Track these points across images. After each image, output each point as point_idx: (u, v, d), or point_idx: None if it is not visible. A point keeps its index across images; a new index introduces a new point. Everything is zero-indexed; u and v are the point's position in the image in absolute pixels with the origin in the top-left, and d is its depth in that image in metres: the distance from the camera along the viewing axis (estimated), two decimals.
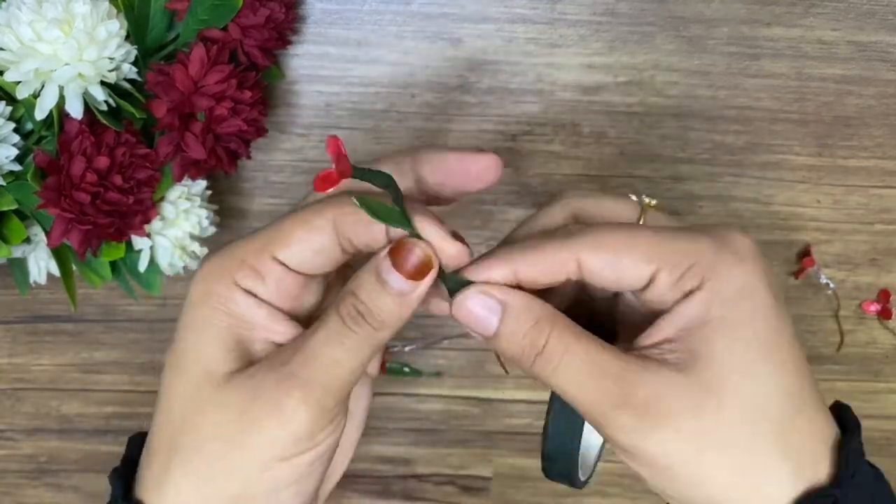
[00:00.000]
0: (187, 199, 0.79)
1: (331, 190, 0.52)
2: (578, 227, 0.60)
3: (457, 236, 0.58)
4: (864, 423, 0.88)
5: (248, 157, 0.79)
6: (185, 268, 0.81)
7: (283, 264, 0.59)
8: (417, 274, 0.56)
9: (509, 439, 0.96)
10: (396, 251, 0.56)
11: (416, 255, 0.56)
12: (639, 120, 0.88)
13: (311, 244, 0.58)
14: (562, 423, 0.65)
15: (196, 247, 0.81)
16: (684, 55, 0.86)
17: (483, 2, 0.85)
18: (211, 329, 0.59)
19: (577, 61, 0.86)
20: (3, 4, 0.69)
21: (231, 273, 0.59)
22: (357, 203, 0.54)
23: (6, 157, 0.71)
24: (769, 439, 0.55)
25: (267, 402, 0.56)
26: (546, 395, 0.77)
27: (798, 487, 0.55)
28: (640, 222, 0.64)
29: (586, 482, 0.71)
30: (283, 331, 0.60)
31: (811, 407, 0.57)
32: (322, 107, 0.87)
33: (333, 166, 0.53)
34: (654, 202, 0.65)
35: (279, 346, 0.60)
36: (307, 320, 0.62)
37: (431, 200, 0.66)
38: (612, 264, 0.57)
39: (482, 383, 0.95)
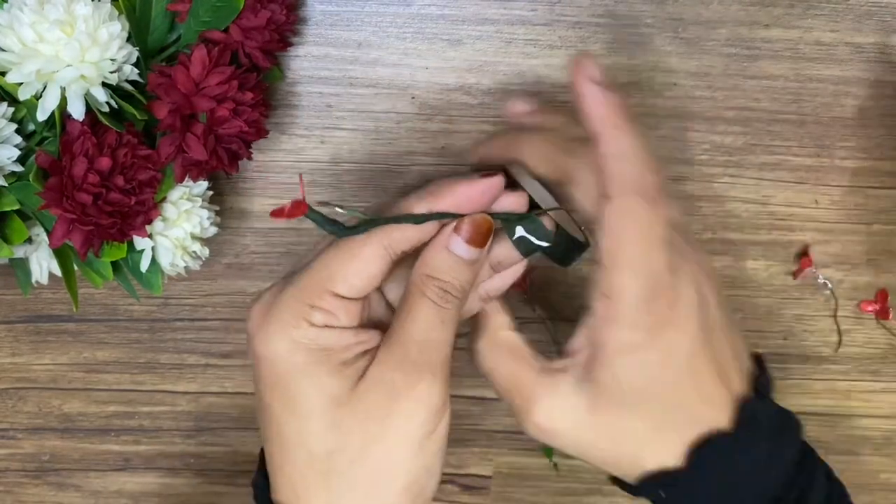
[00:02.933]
0: (189, 199, 0.79)
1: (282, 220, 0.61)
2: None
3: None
4: (863, 423, 0.89)
5: (250, 158, 0.79)
6: (186, 268, 0.81)
7: (345, 297, 0.63)
8: (482, 238, 0.65)
9: (509, 438, 0.96)
10: (458, 227, 0.64)
11: (475, 223, 0.64)
12: (638, 121, 0.88)
13: (366, 271, 0.63)
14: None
15: (197, 247, 0.81)
16: (683, 56, 0.87)
17: (482, 3, 0.85)
18: (311, 367, 0.62)
19: None
20: (5, 6, 0.69)
21: (305, 317, 0.62)
22: (382, 224, 0.64)
23: (8, 158, 0.71)
24: (656, 419, 0.64)
25: (404, 394, 0.62)
26: None
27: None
28: None
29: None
30: (369, 337, 0.65)
31: (703, 378, 0.64)
32: (323, 108, 0.87)
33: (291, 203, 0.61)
34: None
35: (375, 349, 0.65)
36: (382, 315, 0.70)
37: None
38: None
39: (482, 383, 0.94)
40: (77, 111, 0.70)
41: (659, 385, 0.63)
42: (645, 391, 0.63)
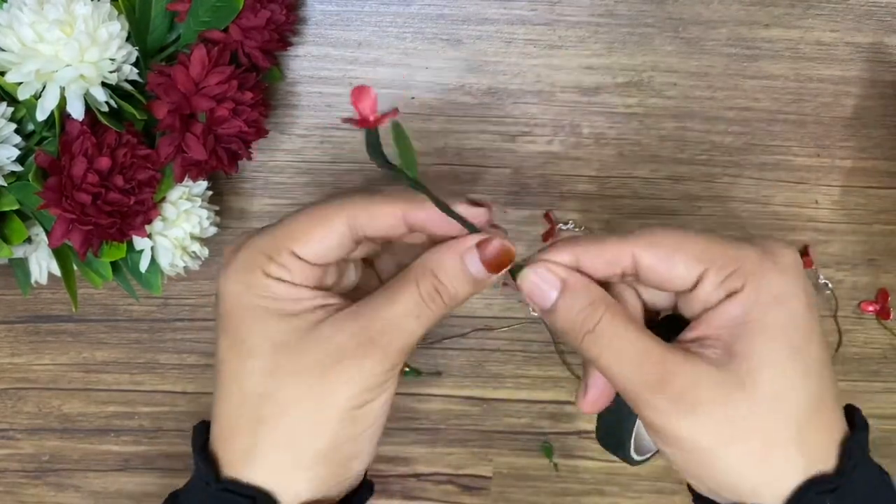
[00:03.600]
0: (188, 199, 0.79)
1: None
2: (636, 228, 0.63)
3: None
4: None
5: (249, 158, 0.79)
6: (185, 268, 0.81)
7: (302, 259, 0.63)
8: (498, 267, 0.62)
9: (509, 439, 0.96)
10: (483, 244, 0.61)
11: (500, 250, 0.61)
12: (638, 121, 0.88)
13: (325, 241, 0.63)
14: (618, 399, 0.67)
15: (197, 247, 0.81)
16: (683, 56, 0.87)
17: (482, 3, 0.85)
18: (261, 310, 0.62)
19: (577, 62, 0.87)
20: (5, 6, 0.69)
21: (261, 266, 0.62)
22: (423, 192, 0.59)
23: (8, 158, 0.71)
24: (790, 434, 0.58)
25: (348, 363, 0.61)
26: (546, 396, 0.77)
27: (802, 479, 0.59)
28: None
29: (643, 461, 0.74)
30: (328, 298, 0.64)
31: (829, 408, 0.60)
32: (322, 108, 0.87)
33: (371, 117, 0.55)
34: None
35: (338, 308, 0.63)
36: (354, 290, 0.68)
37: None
38: (666, 261, 0.61)
39: (482, 383, 0.95)
40: (76, 111, 0.70)
41: (801, 392, 0.60)
42: (785, 394, 0.60)
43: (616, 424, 0.73)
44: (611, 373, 0.61)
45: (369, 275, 0.70)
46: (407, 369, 0.94)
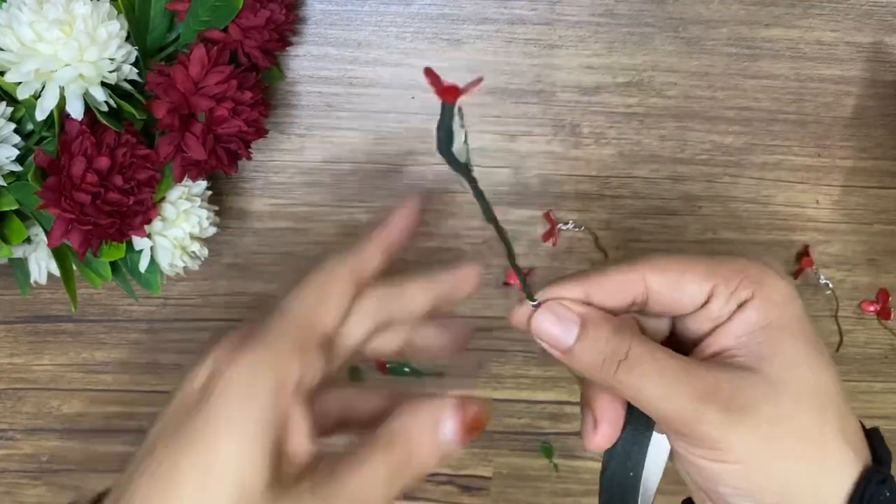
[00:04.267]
0: (188, 199, 0.79)
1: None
2: (640, 255, 0.64)
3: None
4: (864, 423, 0.89)
5: (249, 158, 0.79)
6: (185, 268, 0.81)
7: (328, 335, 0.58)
8: (469, 433, 0.58)
9: (509, 439, 0.96)
10: (460, 410, 0.57)
11: (477, 414, 0.58)
12: (638, 120, 0.88)
13: (339, 299, 0.59)
14: (621, 456, 0.66)
15: (196, 247, 0.81)
16: (683, 56, 0.87)
17: (482, 3, 0.85)
18: (254, 438, 0.52)
19: (577, 62, 0.87)
20: (4, 5, 0.69)
21: (289, 374, 0.55)
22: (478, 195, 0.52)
23: (7, 158, 0.71)
24: (834, 425, 0.58)
25: None
26: (547, 396, 0.77)
27: (857, 470, 0.58)
28: None
29: None
30: (304, 446, 0.55)
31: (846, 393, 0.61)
32: (322, 108, 0.87)
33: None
34: None
35: (300, 466, 0.55)
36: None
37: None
38: (676, 284, 0.61)
39: (482, 383, 0.95)
40: (76, 110, 0.70)
41: (831, 383, 0.61)
42: (823, 388, 0.60)
43: (621, 483, 0.70)
44: (654, 396, 0.58)
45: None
46: (408, 369, 0.94)
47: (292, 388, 0.55)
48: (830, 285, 0.92)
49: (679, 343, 0.65)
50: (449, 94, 0.46)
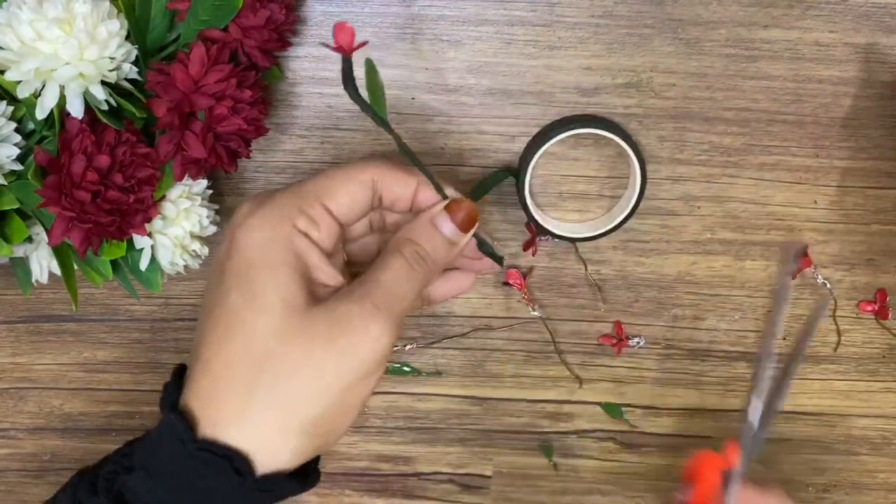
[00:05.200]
0: (188, 198, 0.80)
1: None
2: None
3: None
4: (861, 423, 0.89)
5: (248, 157, 0.80)
6: (185, 266, 0.82)
7: (331, 213, 0.67)
8: (465, 226, 0.71)
9: (509, 438, 0.96)
10: (451, 207, 0.71)
11: (465, 211, 0.71)
12: (637, 121, 0.88)
13: (354, 196, 0.68)
14: None
15: (197, 246, 0.81)
16: (682, 57, 0.87)
17: (482, 4, 0.85)
18: (285, 266, 0.65)
19: (576, 63, 0.87)
20: (4, 4, 0.69)
21: (291, 218, 0.66)
22: (387, 130, 0.68)
23: (7, 157, 0.72)
24: None
25: (355, 330, 0.64)
26: (546, 396, 0.77)
27: None
28: None
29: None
30: (332, 274, 0.68)
31: None
32: (323, 108, 0.88)
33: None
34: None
35: (336, 289, 0.67)
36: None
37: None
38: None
39: (482, 382, 0.95)
40: (76, 109, 0.70)
41: None
42: None
43: None
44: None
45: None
46: (407, 368, 0.94)
47: (305, 233, 0.66)
48: (828, 285, 0.93)
49: None
50: (340, 51, 0.64)
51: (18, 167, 0.73)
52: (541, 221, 0.88)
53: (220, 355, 0.64)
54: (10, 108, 0.72)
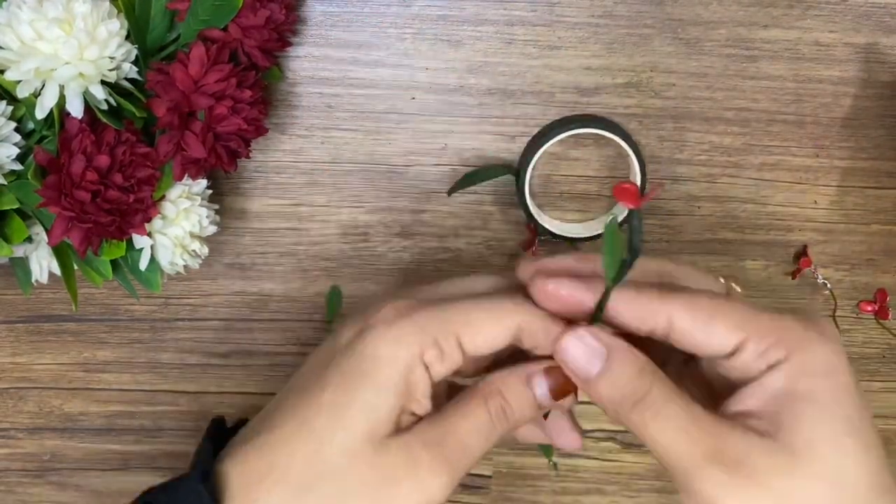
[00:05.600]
0: (188, 198, 0.80)
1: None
2: (674, 286, 0.62)
3: None
4: None
5: (248, 157, 0.80)
6: (185, 266, 0.81)
7: (462, 349, 0.62)
8: (561, 395, 0.64)
9: (509, 438, 0.96)
10: (550, 372, 0.64)
11: (564, 380, 0.64)
12: (637, 121, 0.88)
13: (494, 340, 0.63)
14: None
15: (197, 245, 0.81)
16: (682, 57, 0.87)
17: (482, 4, 0.85)
18: (391, 392, 0.61)
19: (576, 63, 0.87)
20: (4, 4, 0.69)
21: (423, 346, 0.61)
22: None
23: (7, 157, 0.72)
24: None
25: (419, 475, 0.61)
26: None
27: None
28: None
29: None
30: (426, 406, 0.63)
31: (891, 493, 0.57)
32: (323, 108, 0.88)
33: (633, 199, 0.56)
34: (738, 289, 0.67)
35: (419, 417, 0.63)
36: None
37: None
38: (704, 327, 0.59)
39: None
40: (76, 109, 0.70)
41: (863, 469, 0.57)
42: (847, 470, 0.57)
43: None
44: (661, 443, 0.58)
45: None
46: None
47: (428, 365, 0.62)
48: (828, 285, 0.93)
49: (710, 385, 0.64)
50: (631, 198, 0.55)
51: (18, 167, 0.73)
52: (541, 221, 0.88)
53: (289, 443, 0.62)
54: (10, 108, 0.72)
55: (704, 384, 0.64)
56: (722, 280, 0.66)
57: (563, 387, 0.64)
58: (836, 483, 0.55)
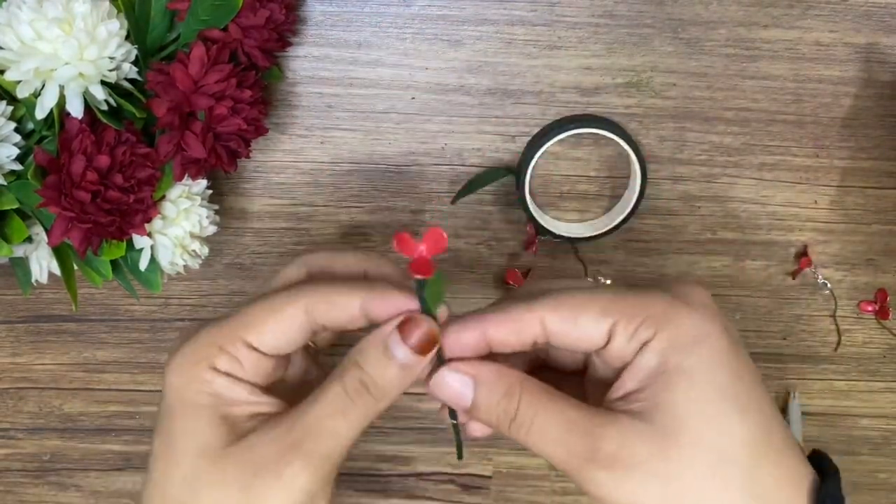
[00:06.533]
0: (188, 198, 0.80)
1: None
2: (542, 290, 0.61)
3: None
4: (862, 423, 0.89)
5: (248, 157, 0.80)
6: (185, 266, 0.81)
7: (256, 349, 0.60)
8: (423, 349, 0.58)
9: (509, 438, 0.96)
10: (404, 326, 0.58)
11: (423, 330, 0.58)
12: (637, 121, 0.88)
13: (282, 330, 0.60)
14: None
15: (197, 245, 0.81)
16: (682, 57, 0.87)
17: (482, 4, 0.85)
18: (197, 409, 0.59)
19: (576, 63, 0.87)
20: (4, 4, 0.69)
21: (208, 359, 0.60)
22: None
23: (7, 157, 0.72)
24: (735, 484, 0.55)
25: (269, 473, 0.57)
26: None
27: None
28: None
29: None
30: (268, 401, 0.61)
31: (779, 451, 0.57)
32: (323, 108, 0.88)
33: (420, 255, 0.56)
34: (607, 281, 0.66)
35: (271, 416, 0.60)
36: (298, 384, 0.66)
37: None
38: (572, 322, 0.58)
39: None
40: (76, 109, 0.70)
41: (737, 434, 0.56)
42: (719, 439, 0.56)
43: None
44: (544, 453, 0.58)
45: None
46: None
47: (227, 372, 0.60)
48: (829, 285, 0.93)
49: (599, 380, 0.63)
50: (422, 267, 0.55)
51: (18, 167, 0.73)
52: (541, 221, 0.88)
53: (145, 499, 0.61)
54: (10, 108, 0.72)
55: (602, 384, 0.62)
56: (589, 279, 0.69)
57: (424, 339, 0.58)
58: (714, 455, 0.55)
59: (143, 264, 0.80)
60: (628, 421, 0.56)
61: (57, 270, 0.79)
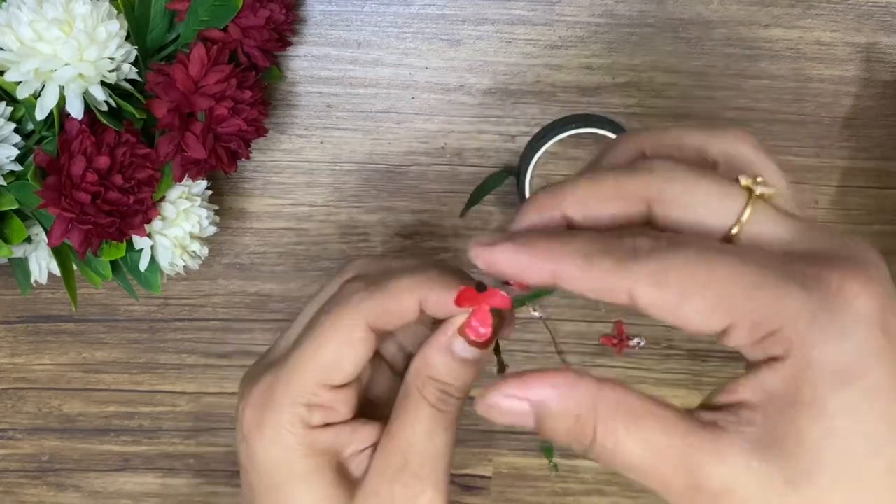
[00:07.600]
0: (188, 198, 0.79)
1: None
2: (646, 243, 0.45)
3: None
4: None
5: (248, 157, 0.79)
6: (185, 267, 0.81)
7: (339, 387, 0.58)
8: (487, 343, 0.55)
9: (509, 439, 0.96)
10: (464, 329, 0.55)
11: (481, 332, 0.55)
12: (638, 121, 0.88)
13: (356, 356, 0.57)
14: None
15: (196, 246, 0.81)
16: (683, 56, 0.87)
17: (482, 3, 0.85)
18: (310, 475, 0.57)
19: (576, 62, 0.87)
20: (4, 5, 0.69)
21: (303, 420, 0.57)
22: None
23: (7, 158, 0.71)
24: None
25: None
26: None
27: None
28: (736, 230, 0.46)
29: None
30: (367, 434, 0.59)
31: None
32: (322, 108, 0.88)
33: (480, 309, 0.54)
34: (769, 190, 0.47)
35: (368, 450, 0.59)
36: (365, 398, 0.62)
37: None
38: (673, 309, 0.45)
39: (482, 382, 0.94)
40: (75, 110, 0.70)
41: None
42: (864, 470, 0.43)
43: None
44: (636, 475, 0.46)
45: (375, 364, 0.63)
46: None
47: (324, 424, 0.57)
48: None
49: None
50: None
51: (18, 168, 0.73)
52: None
53: None
54: (10, 109, 0.72)
55: None
56: (744, 180, 0.47)
57: (484, 336, 0.55)
58: None
59: (143, 265, 0.80)
60: (739, 453, 0.43)
61: (56, 271, 0.79)
